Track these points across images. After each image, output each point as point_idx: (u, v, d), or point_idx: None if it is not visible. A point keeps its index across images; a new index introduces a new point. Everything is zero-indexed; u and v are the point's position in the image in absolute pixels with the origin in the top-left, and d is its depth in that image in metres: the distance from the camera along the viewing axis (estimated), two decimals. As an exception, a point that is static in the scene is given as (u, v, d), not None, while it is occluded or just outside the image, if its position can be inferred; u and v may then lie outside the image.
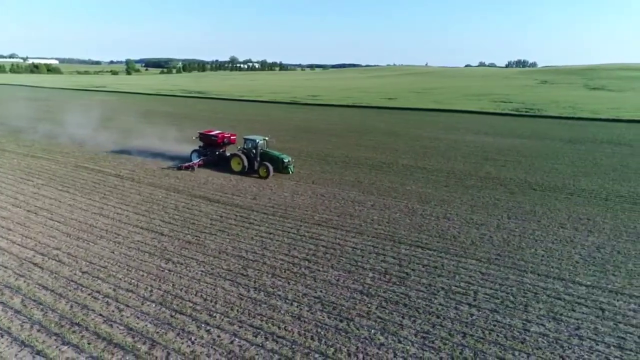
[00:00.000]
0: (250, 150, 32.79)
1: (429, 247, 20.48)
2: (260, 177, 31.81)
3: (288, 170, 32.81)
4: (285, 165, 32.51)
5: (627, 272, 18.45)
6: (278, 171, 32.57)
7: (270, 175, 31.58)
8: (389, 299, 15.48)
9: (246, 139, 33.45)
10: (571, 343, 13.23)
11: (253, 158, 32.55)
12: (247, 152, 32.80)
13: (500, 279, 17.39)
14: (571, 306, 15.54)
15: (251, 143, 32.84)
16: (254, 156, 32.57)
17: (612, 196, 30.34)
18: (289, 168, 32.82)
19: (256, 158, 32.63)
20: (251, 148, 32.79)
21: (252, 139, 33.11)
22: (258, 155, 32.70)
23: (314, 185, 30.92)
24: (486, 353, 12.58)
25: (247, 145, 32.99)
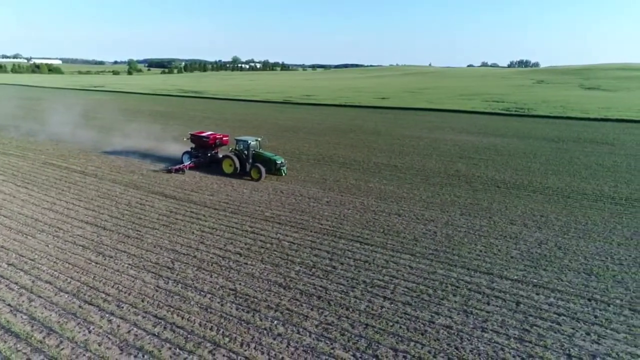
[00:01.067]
0: (242, 152, 31.84)
1: (368, 242, 20.51)
2: (252, 179, 30.98)
3: (281, 172, 31.89)
4: (278, 167, 31.58)
5: (560, 267, 18.45)
6: (271, 173, 31.67)
7: (262, 177, 30.63)
8: (304, 292, 15.56)
9: (238, 139, 32.51)
10: (472, 335, 13.26)
11: (245, 160, 31.66)
12: (239, 154, 31.87)
13: (427, 273, 17.42)
14: (487, 300, 15.54)
15: (243, 144, 31.88)
16: (246, 158, 31.68)
17: (575, 194, 30.26)
18: (282, 170, 31.94)
19: (248, 160, 31.71)
20: (243, 149, 31.85)
21: (244, 139, 32.09)
22: (250, 156, 31.76)
23: (276, 182, 31.10)
24: (381, 344, 12.64)
25: (239, 146, 32.06)
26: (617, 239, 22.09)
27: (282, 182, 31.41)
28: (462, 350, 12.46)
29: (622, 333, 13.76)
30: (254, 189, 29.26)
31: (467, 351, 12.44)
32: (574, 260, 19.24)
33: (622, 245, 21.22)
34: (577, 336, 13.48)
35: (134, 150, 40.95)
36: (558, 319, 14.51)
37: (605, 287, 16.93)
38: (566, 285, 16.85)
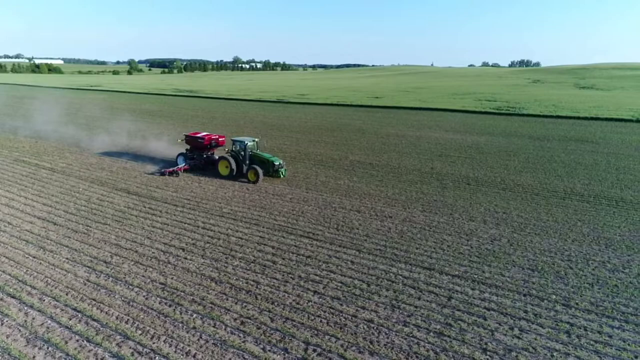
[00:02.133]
0: (238, 153, 30.53)
1: (317, 238, 20.43)
2: (249, 182, 29.81)
3: (279, 174, 30.56)
4: (275, 169, 30.25)
5: (506, 263, 18.34)
6: (268, 175, 30.41)
7: (260, 179, 29.42)
8: (235, 286, 15.49)
9: (234, 140, 31.05)
10: (391, 329, 13.16)
11: (242, 161, 30.41)
12: (235, 155, 30.54)
13: (367, 269, 17.32)
14: (419, 295, 15.42)
15: (240, 145, 30.51)
16: (242, 159, 30.43)
17: (545, 191, 30.09)
18: (280, 172, 30.56)
19: (245, 161, 30.38)
20: (239, 150, 30.53)
21: (241, 140, 30.65)
22: (247, 157, 30.40)
23: (245, 180, 30.75)
24: (295, 337, 12.55)
25: (236, 147, 30.71)
26: (574, 236, 21.90)
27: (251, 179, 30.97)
28: (376, 344, 12.34)
29: (546, 328, 13.62)
30: (220, 185, 29.22)
31: (381, 345, 12.31)
32: (522, 257, 19.08)
33: (576, 242, 21.04)
34: (499, 331, 13.32)
35: (112, 147, 40.98)
36: (485, 314, 14.43)
37: (545, 282, 16.77)
38: (505, 281, 16.69)
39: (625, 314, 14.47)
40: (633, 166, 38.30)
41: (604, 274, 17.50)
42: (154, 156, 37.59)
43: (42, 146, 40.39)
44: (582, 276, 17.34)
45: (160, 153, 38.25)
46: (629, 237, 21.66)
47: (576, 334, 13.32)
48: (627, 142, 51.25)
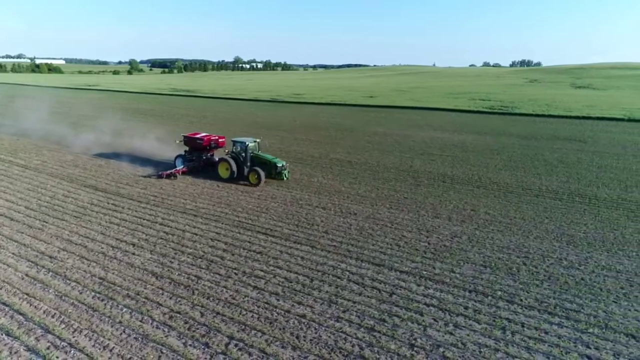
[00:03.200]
0: (239, 154, 29.22)
1: (274, 234, 20.29)
2: (250, 184, 28.56)
3: (282, 176, 29.33)
4: (278, 171, 28.98)
5: (460, 260, 18.24)
6: (270, 177, 29.21)
7: (261, 181, 28.26)
8: (175, 281, 15.36)
9: (235, 141, 29.72)
10: (322, 324, 13.05)
11: (242, 163, 29.08)
12: (235, 156, 29.23)
13: (316, 264, 17.18)
14: (361, 290, 15.25)
15: (240, 146, 29.21)
16: (243, 161, 29.11)
17: (520, 189, 29.86)
18: (282, 174, 29.30)
19: (246, 163, 29.06)
20: (240, 151, 29.21)
21: (242, 141, 29.32)
22: (248, 159, 29.12)
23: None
24: (220, 332, 12.45)
25: (236, 148, 29.41)
26: (537, 233, 21.67)
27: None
28: (302, 339, 12.17)
29: (483, 324, 13.41)
30: (191, 183, 29.06)
31: (307, 340, 12.14)
32: (478, 253, 18.86)
33: (538, 239, 20.80)
34: (433, 326, 13.13)
35: (94, 145, 40.92)
36: (423, 310, 14.32)
37: (494, 279, 16.55)
38: (454, 277, 16.52)
39: (568, 311, 14.26)
40: (615, 165, 37.93)
41: (557, 271, 17.26)
42: (135, 154, 37.49)
43: (22, 144, 40.40)
44: (535, 273, 17.08)
45: (143, 151, 38.13)
46: (593, 234, 21.40)
47: (512, 330, 13.07)
48: (616, 140, 50.86)
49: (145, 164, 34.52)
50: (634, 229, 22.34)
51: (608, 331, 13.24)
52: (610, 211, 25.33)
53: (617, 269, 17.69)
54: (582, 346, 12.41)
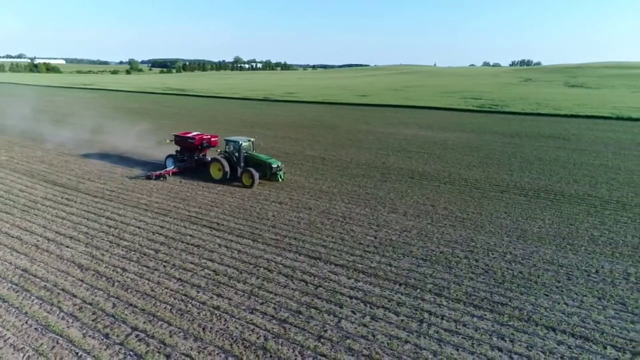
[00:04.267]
0: (232, 154, 27.86)
1: (219, 228, 20.16)
2: (244, 186, 27.13)
3: (277, 177, 27.85)
4: (273, 172, 27.47)
5: (402, 253, 18.13)
6: (265, 178, 27.78)
7: (255, 183, 26.83)
8: (99, 273, 15.25)
9: (228, 140, 28.43)
10: (234, 316, 12.93)
11: (236, 163, 27.67)
12: (229, 156, 27.89)
13: (251, 257, 17.08)
14: (287, 283, 15.16)
15: (234, 145, 27.92)
16: (236, 161, 27.72)
17: (487, 185, 29.64)
18: (278, 175, 27.85)
19: (239, 163, 27.69)
20: (233, 151, 27.84)
21: (235, 140, 28.05)
22: (242, 159, 27.78)
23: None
24: (126, 323, 12.31)
25: (229, 147, 28.12)
26: (490, 228, 21.42)
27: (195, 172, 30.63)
28: (208, 330, 11.99)
29: (402, 316, 13.19)
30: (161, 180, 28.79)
31: (213, 331, 11.95)
32: (422, 247, 18.62)
33: (489, 234, 20.58)
34: (349, 318, 12.93)
35: (70, 142, 40.87)
36: (345, 302, 14.12)
37: (430, 272, 16.34)
38: (389, 270, 16.30)
39: (495, 304, 14.03)
40: (592, 162, 37.62)
41: (498, 265, 17.03)
42: (108, 151, 37.55)
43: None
44: (474, 266, 16.82)
45: (118, 148, 38.18)
46: (547, 229, 21.18)
47: (429, 322, 12.82)
48: (599, 138, 50.51)
49: (116, 159, 34.57)
50: (590, 224, 22.02)
51: (529, 324, 12.98)
52: (572, 207, 25.01)
53: (560, 263, 17.40)
54: (497, 338, 12.14)
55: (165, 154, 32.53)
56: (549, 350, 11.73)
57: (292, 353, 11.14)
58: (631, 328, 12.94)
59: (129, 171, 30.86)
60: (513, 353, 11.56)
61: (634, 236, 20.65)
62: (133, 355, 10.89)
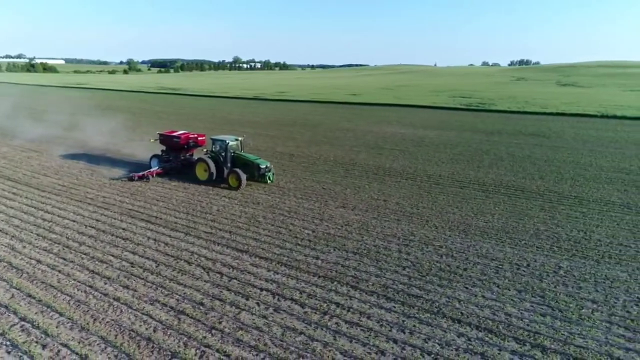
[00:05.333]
0: (219, 154, 26.46)
1: (156, 222, 20.08)
2: (230, 188, 25.71)
3: (266, 178, 26.24)
4: (261, 173, 25.93)
5: (334, 247, 18.00)
6: (253, 179, 26.29)
7: (242, 185, 25.36)
8: (10, 264, 15.13)
9: (214, 139, 27.15)
10: (131, 306, 12.76)
11: (222, 163, 26.30)
12: (215, 157, 26.52)
13: (177, 250, 17.10)
14: (201, 274, 15.02)
15: (220, 145, 26.57)
16: (223, 161, 26.32)
17: (448, 181, 29.46)
18: (266, 176, 26.21)
19: (226, 163, 26.28)
20: (220, 151, 26.48)
21: (222, 139, 26.73)
22: (228, 159, 26.34)
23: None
24: (17, 313, 11.99)
25: (215, 147, 26.74)
26: (436, 222, 21.18)
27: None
28: (99, 321, 11.93)
29: (307, 308, 13.02)
30: (114, 175, 28.58)
31: (104, 322, 11.90)
32: (359, 241, 18.40)
33: (432, 228, 20.38)
34: (251, 310, 12.84)
35: (40, 138, 40.87)
36: (253, 294, 13.96)
37: (355, 265, 16.18)
38: (314, 263, 16.20)
39: (410, 297, 13.90)
40: (565, 159, 37.36)
41: (429, 258, 16.86)
42: (79, 147, 37.56)
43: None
44: (403, 260, 16.56)
45: (89, 145, 38.15)
46: (494, 224, 21.06)
47: (333, 314, 12.62)
48: (580, 136, 50.23)
49: (80, 156, 34.47)
50: (540, 219, 21.79)
51: (436, 316, 12.72)
52: (529, 202, 24.74)
53: (493, 257, 17.13)
54: (397, 330, 11.90)
55: (138, 151, 32.57)
56: (445, 342, 11.42)
57: (176, 344, 10.86)
58: (541, 320, 12.60)
59: (89, 167, 30.82)
60: (408, 345, 11.25)
61: (580, 231, 20.28)
62: (9, 345, 10.59)
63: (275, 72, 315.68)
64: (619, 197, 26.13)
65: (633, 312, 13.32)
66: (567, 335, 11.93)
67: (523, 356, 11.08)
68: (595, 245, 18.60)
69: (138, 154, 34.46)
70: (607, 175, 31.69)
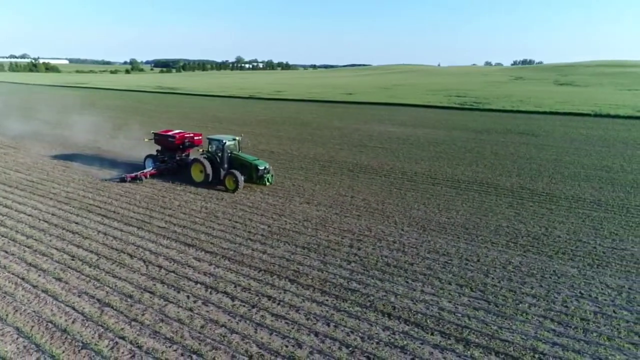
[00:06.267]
0: (215, 154, 25.23)
1: (111, 217, 20.09)
2: (227, 190, 24.59)
3: (264, 180, 24.84)
4: (260, 174, 24.56)
5: (284, 242, 17.88)
6: (251, 182, 24.93)
7: (240, 187, 24.21)
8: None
9: (211, 139, 25.86)
10: (58, 299, 12.66)
11: (219, 164, 25.03)
12: (211, 157, 25.24)
13: (124, 244, 17.08)
14: (139, 267, 14.96)
15: (216, 144, 25.29)
16: (219, 162, 25.06)
17: (424, 178, 29.42)
18: (265, 178, 24.81)
19: (223, 164, 25.00)
20: (216, 151, 25.23)
21: (218, 139, 25.41)
22: (225, 160, 25.07)
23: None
24: None
25: (212, 147, 25.48)
26: (397, 218, 21.26)
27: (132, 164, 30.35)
28: (19, 313, 11.79)
29: (237, 301, 13.06)
30: (87, 173, 28.56)
31: (25, 314, 11.78)
32: (311, 236, 18.40)
33: (391, 224, 20.32)
34: (178, 303, 12.75)
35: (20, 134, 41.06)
36: (187, 287, 13.86)
37: (300, 260, 16.19)
38: (259, 257, 16.16)
39: (345, 290, 13.91)
40: (548, 157, 37.14)
41: (377, 253, 16.77)
42: (60, 144, 37.73)
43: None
44: (351, 254, 16.51)
45: (69, 142, 38.36)
46: (456, 220, 21.06)
47: (261, 307, 12.61)
48: (569, 135, 49.88)
49: (58, 152, 34.62)
50: (504, 216, 21.72)
51: (367, 310, 12.71)
52: (498, 199, 24.59)
53: (446, 252, 17.01)
54: (322, 323, 11.87)
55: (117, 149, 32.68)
56: (368, 336, 11.25)
57: (91, 335, 10.79)
58: (473, 315, 12.39)
59: (63, 163, 30.89)
60: (328, 338, 11.07)
61: (542, 227, 20.09)
62: None
63: (276, 72, 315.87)
64: (592, 194, 25.81)
65: (571, 308, 13.02)
66: (495, 329, 11.69)
67: (444, 350, 10.82)
68: (552, 242, 18.32)
69: (117, 150, 34.86)
70: (586, 173, 31.33)
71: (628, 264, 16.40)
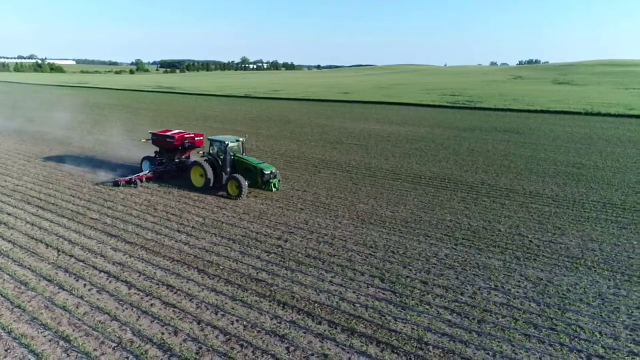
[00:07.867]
0: (216, 157, 23.28)
1: (50, 209, 20.01)
2: (229, 196, 22.57)
3: (270, 186, 22.35)
4: (265, 179, 22.16)
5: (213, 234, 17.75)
6: (256, 187, 22.72)
7: (243, 193, 22.09)
8: None
9: (212, 140, 23.73)
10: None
11: (220, 168, 22.94)
12: (212, 160, 23.24)
13: (53, 237, 16.88)
14: (58, 259, 14.43)
15: (218, 146, 23.30)
16: (221, 165, 22.98)
17: (385, 173, 29.35)
18: (271, 183, 22.34)
19: (225, 168, 22.87)
20: (218, 153, 23.25)
21: (220, 140, 23.32)
22: (227, 163, 22.92)
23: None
24: None
25: (213, 149, 23.53)
26: (341, 212, 21.10)
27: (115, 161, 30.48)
28: None
29: (133, 289, 12.75)
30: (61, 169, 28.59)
31: None
32: (243, 228, 18.44)
33: (331, 217, 20.14)
34: (76, 291, 12.59)
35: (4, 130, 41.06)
36: (94, 276, 13.73)
37: (220, 251, 16.03)
38: (177, 248, 16.08)
39: (251, 280, 13.73)
40: (524, 153, 36.84)
41: (302, 245, 16.67)
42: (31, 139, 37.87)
43: None
44: (274, 246, 16.43)
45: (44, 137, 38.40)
46: (399, 214, 20.94)
47: (157, 296, 12.38)
48: (553, 132, 49.46)
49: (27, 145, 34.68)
50: (452, 210, 21.61)
51: (265, 299, 12.60)
52: (453, 194, 24.36)
53: (373, 245, 17.02)
54: (212, 312, 11.76)
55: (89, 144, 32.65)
56: (252, 324, 11.09)
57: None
58: (371, 305, 12.30)
59: (27, 157, 31.08)
60: (210, 326, 10.91)
61: (486, 221, 19.79)
62: None
63: (280, 72, 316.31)
64: (552, 189, 25.44)
65: (477, 299, 12.70)
66: (388, 320, 11.45)
67: (325, 339, 10.59)
68: (489, 235, 18.00)
69: (88, 146, 35.22)
70: (556, 169, 30.92)
71: (558, 257, 15.99)
